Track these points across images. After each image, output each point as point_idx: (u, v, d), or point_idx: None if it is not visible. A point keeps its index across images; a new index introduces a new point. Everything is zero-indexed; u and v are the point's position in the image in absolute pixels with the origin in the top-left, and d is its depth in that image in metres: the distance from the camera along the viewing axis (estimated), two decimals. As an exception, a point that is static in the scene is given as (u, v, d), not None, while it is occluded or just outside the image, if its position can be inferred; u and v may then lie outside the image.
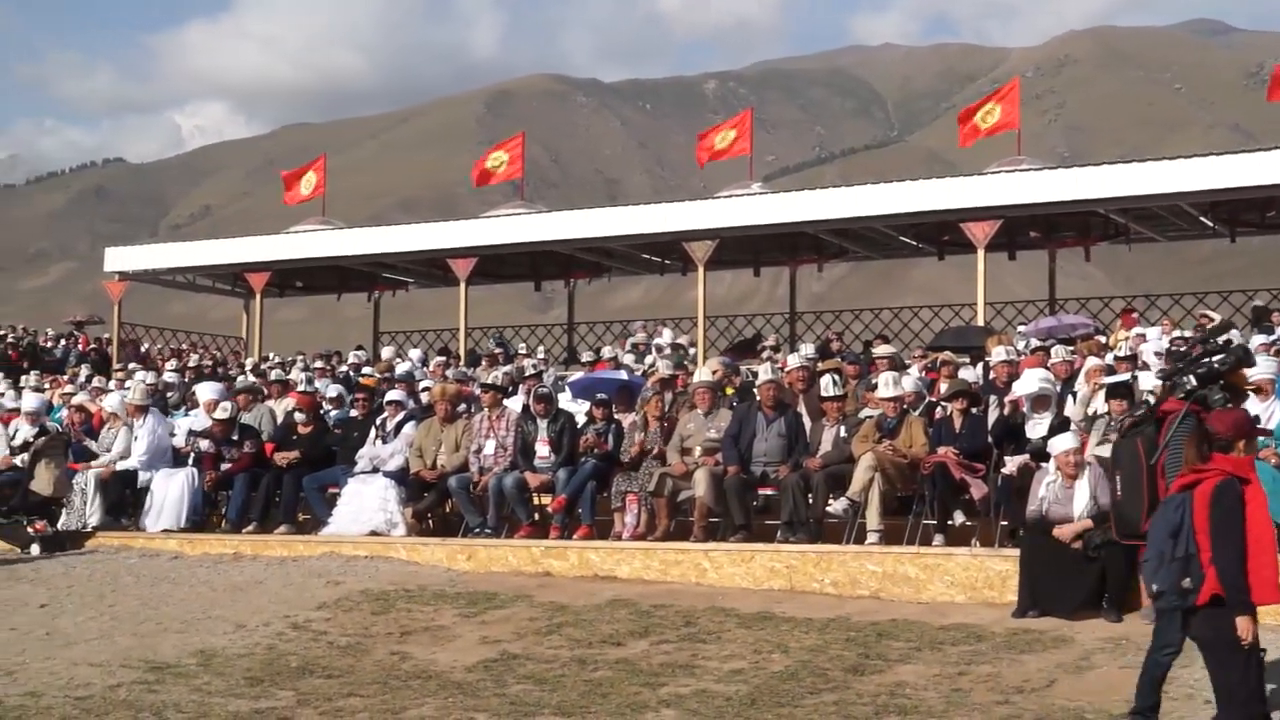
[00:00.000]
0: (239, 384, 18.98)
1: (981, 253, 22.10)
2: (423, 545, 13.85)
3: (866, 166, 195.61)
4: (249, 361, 26.37)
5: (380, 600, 11.67)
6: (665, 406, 14.41)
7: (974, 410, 12.84)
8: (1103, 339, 18.63)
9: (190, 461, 15.70)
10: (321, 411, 16.55)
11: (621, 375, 17.58)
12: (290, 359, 26.79)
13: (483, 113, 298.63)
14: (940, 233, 25.67)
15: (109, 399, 17.23)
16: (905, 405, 13.07)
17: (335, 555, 13.86)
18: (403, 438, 14.90)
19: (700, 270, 24.31)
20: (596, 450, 13.81)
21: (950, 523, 12.16)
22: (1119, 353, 14.99)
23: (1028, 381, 12.70)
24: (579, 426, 14.34)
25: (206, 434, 15.82)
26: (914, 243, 27.23)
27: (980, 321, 22.34)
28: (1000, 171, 23.11)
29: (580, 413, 15.14)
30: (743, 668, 8.96)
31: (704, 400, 13.71)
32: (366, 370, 21.93)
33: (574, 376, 19.42)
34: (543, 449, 14.01)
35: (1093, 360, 14.49)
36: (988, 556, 11.36)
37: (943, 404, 13.51)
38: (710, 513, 12.83)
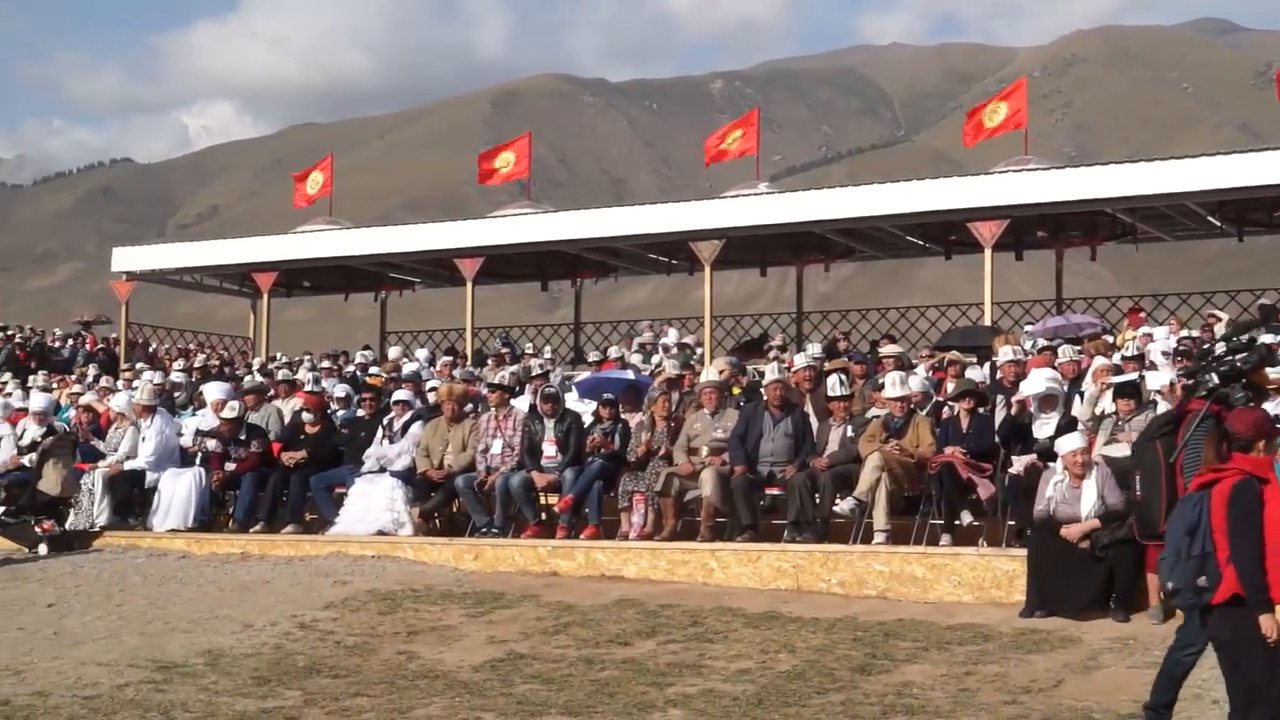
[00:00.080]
0: (246, 384, 18.98)
1: (988, 252, 22.08)
2: (430, 545, 13.86)
3: (873, 166, 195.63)
4: (256, 361, 26.37)
5: (387, 600, 11.68)
6: (672, 406, 14.40)
7: (981, 410, 12.82)
8: (1110, 339, 18.58)
9: (197, 461, 15.73)
10: (329, 411, 16.56)
11: (628, 375, 17.57)
12: (297, 359, 26.76)
13: (489, 112, 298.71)
14: (947, 232, 25.65)
15: (116, 399, 17.26)
16: (912, 405, 13.06)
17: (342, 555, 13.87)
18: (410, 437, 14.91)
19: (707, 270, 24.29)
20: (603, 450, 13.80)
21: (957, 523, 12.14)
22: (1126, 352, 14.92)
23: (1035, 381, 12.68)
24: (586, 426, 14.35)
25: (214, 434, 15.84)
26: (921, 242, 27.19)
27: (987, 321, 22.30)
28: (1007, 171, 23.08)
29: (587, 413, 15.13)
30: (750, 667, 8.96)
31: (711, 400, 13.71)
32: (373, 370, 21.93)
33: (581, 376, 19.39)
34: (549, 449, 14.03)
35: (1100, 360, 14.47)
36: (995, 556, 11.35)
37: (950, 404, 13.49)
38: (717, 512, 12.82)
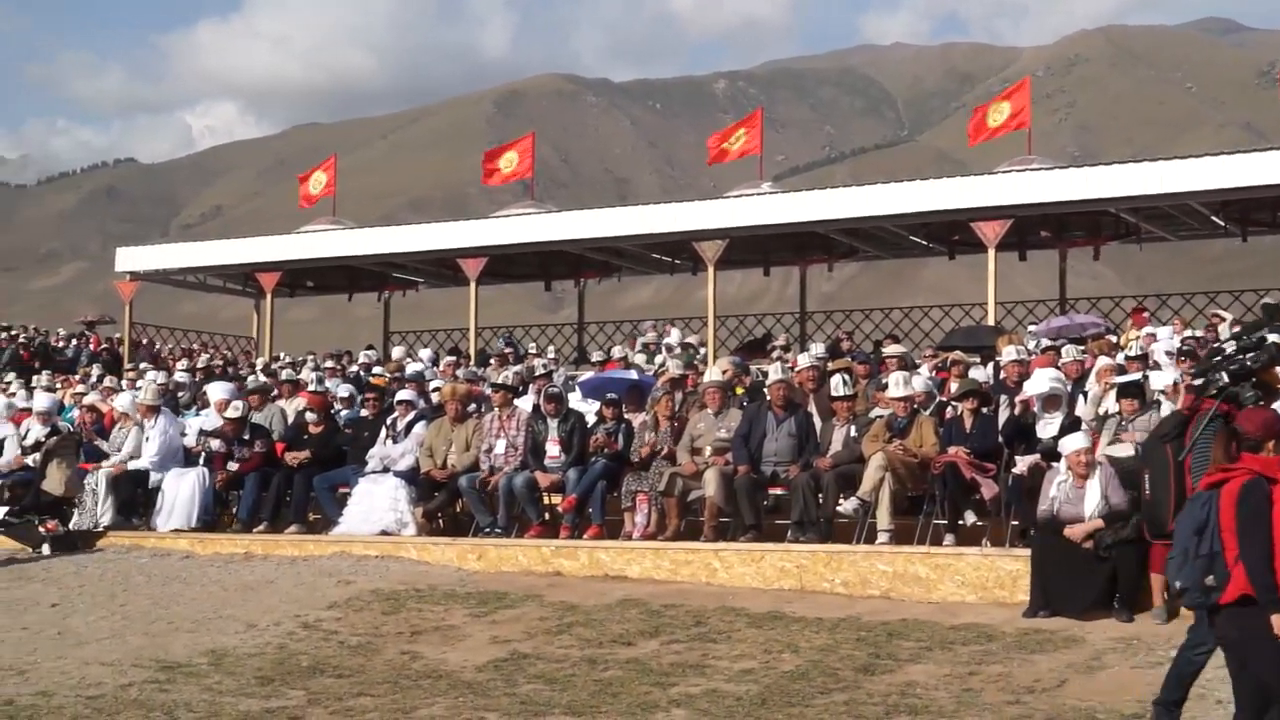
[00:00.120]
0: (250, 384, 18.98)
1: (992, 252, 22.06)
2: (433, 545, 13.86)
3: (876, 166, 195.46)
4: (259, 361, 26.37)
5: (391, 600, 11.68)
6: (675, 406, 14.40)
7: (985, 410, 12.82)
8: (1114, 338, 18.57)
9: (201, 461, 15.73)
10: (332, 411, 16.56)
11: (631, 375, 17.57)
12: (301, 359, 26.77)
13: (493, 112, 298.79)
14: (950, 232, 25.63)
15: (120, 399, 17.27)
16: (916, 405, 13.06)
17: (346, 555, 13.87)
18: (413, 437, 14.91)
19: (710, 270, 24.29)
20: (606, 450, 13.81)
21: (961, 523, 12.14)
22: (1130, 352, 14.94)
23: (1038, 381, 12.68)
24: (589, 426, 14.35)
25: (218, 433, 15.84)
26: (924, 242, 27.18)
27: (991, 321, 22.30)
28: (1011, 171, 23.06)
29: (590, 412, 15.14)
30: (753, 667, 8.95)
31: (714, 400, 13.71)
32: (377, 370, 21.95)
33: (584, 376, 19.41)
34: (553, 449, 14.02)
35: (1104, 360, 14.46)
36: (998, 556, 11.34)
37: (953, 404, 13.47)
38: (720, 512, 12.82)
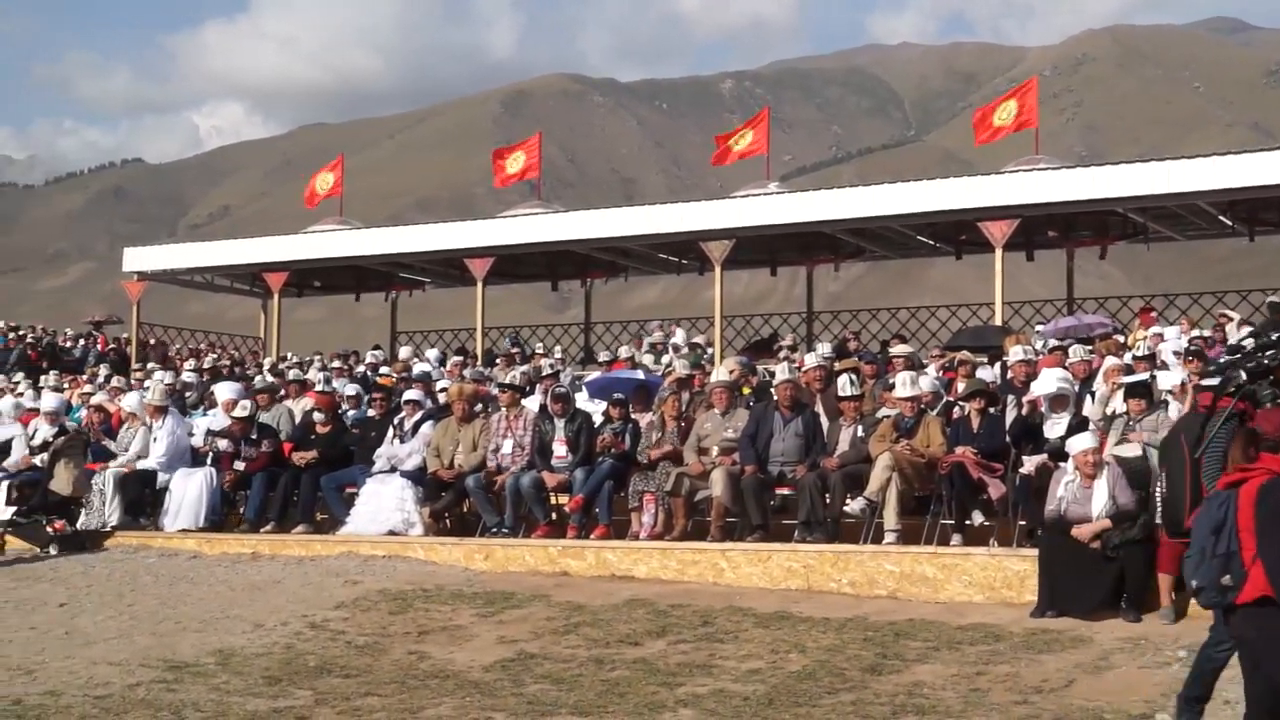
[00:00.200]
0: (257, 384, 19.01)
1: (999, 252, 22.04)
2: (440, 545, 13.86)
3: (883, 166, 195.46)
4: (267, 361, 26.42)
5: (398, 600, 11.68)
6: (682, 406, 14.39)
7: (992, 410, 12.81)
8: (1121, 338, 18.54)
9: (208, 461, 15.74)
10: (339, 411, 16.56)
11: (638, 375, 17.57)
12: (308, 359, 26.82)
13: (499, 113, 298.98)
14: (958, 232, 25.61)
15: (128, 399, 17.29)
16: (923, 405, 13.04)
17: (353, 555, 13.87)
18: (420, 437, 14.91)
19: (717, 270, 24.29)
20: (613, 450, 13.80)
21: (968, 523, 12.12)
22: (1137, 352, 14.92)
23: (1046, 381, 12.65)
24: (596, 426, 14.34)
25: (225, 433, 15.85)
26: (931, 242, 27.17)
27: (998, 321, 22.27)
28: (1018, 171, 23.05)
29: (597, 412, 15.13)
30: (760, 667, 8.94)
31: (721, 400, 13.69)
32: (384, 370, 21.95)
33: (591, 376, 19.41)
34: (560, 449, 14.01)
35: (1111, 360, 14.45)
36: (1006, 556, 11.33)
37: (960, 403, 13.48)
38: (727, 512, 12.81)
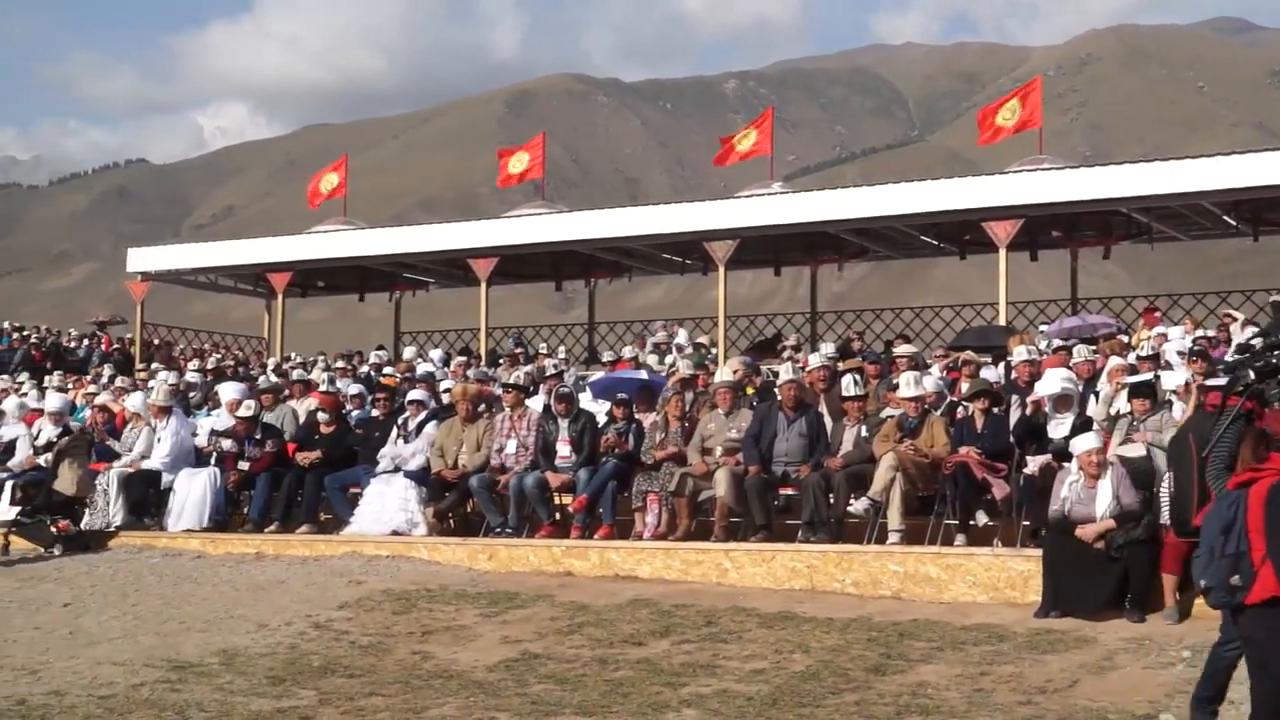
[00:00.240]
0: (261, 384, 19.00)
1: (1003, 252, 22.02)
2: (444, 545, 13.86)
3: (887, 166, 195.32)
4: (271, 361, 26.42)
5: (402, 600, 11.69)
6: (686, 406, 14.39)
7: (996, 410, 12.80)
8: (1125, 338, 18.53)
9: (212, 461, 15.75)
10: (343, 411, 16.57)
11: (642, 375, 17.57)
12: (312, 359, 26.82)
13: (503, 113, 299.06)
14: (961, 232, 25.59)
15: (132, 399, 17.31)
16: (927, 405, 13.04)
17: (357, 555, 13.89)
18: (424, 437, 14.92)
19: (721, 270, 24.27)
20: (617, 450, 13.81)
21: (972, 523, 12.11)
22: (1141, 352, 14.90)
23: (1050, 381, 12.64)
24: (600, 426, 14.35)
25: (229, 433, 15.86)
26: (935, 242, 27.13)
27: (1002, 321, 22.24)
28: (1022, 171, 23.02)
29: (601, 413, 15.14)
30: (764, 668, 8.95)
31: (725, 400, 13.69)
32: (388, 370, 21.95)
33: (595, 376, 19.41)
34: (564, 449, 14.02)
35: (1115, 360, 14.45)
36: (1010, 557, 11.32)
37: (964, 404, 13.47)
38: (731, 513, 12.82)
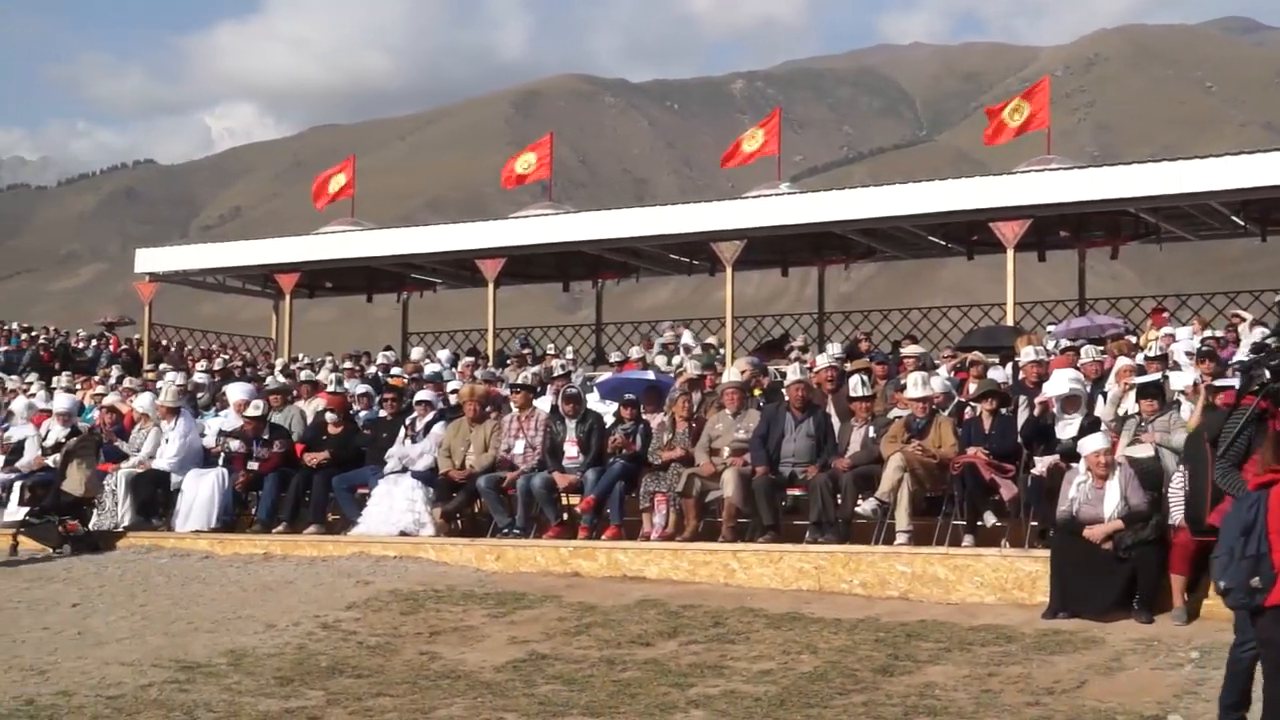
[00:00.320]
0: (269, 385, 19.02)
1: (1011, 252, 22.02)
2: (451, 545, 13.87)
3: (895, 166, 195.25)
4: (278, 362, 26.45)
5: (409, 600, 11.69)
6: (693, 407, 14.39)
7: (1003, 410, 12.79)
8: (1133, 339, 18.52)
9: (220, 462, 15.75)
10: (351, 412, 16.58)
11: (649, 375, 17.57)
12: (319, 360, 26.86)
13: (511, 113, 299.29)
14: (969, 232, 25.58)
15: (140, 400, 17.32)
16: (934, 405, 13.01)
17: (364, 555, 13.89)
18: (432, 438, 14.92)
19: (728, 270, 24.30)
20: (625, 450, 13.80)
21: (980, 523, 12.10)
22: (1149, 353, 14.90)
23: (1058, 382, 12.64)
24: (607, 427, 14.34)
25: (237, 434, 15.87)
26: (943, 242, 27.14)
27: (1010, 321, 22.23)
28: (1030, 171, 23.01)
29: (608, 413, 15.13)
30: (771, 668, 8.94)
31: (732, 400, 13.69)
32: (395, 371, 21.98)
33: (602, 377, 19.42)
34: (571, 449, 14.01)
35: (1123, 360, 14.42)
36: (1017, 557, 11.31)
37: (972, 404, 13.45)
38: (739, 513, 12.80)
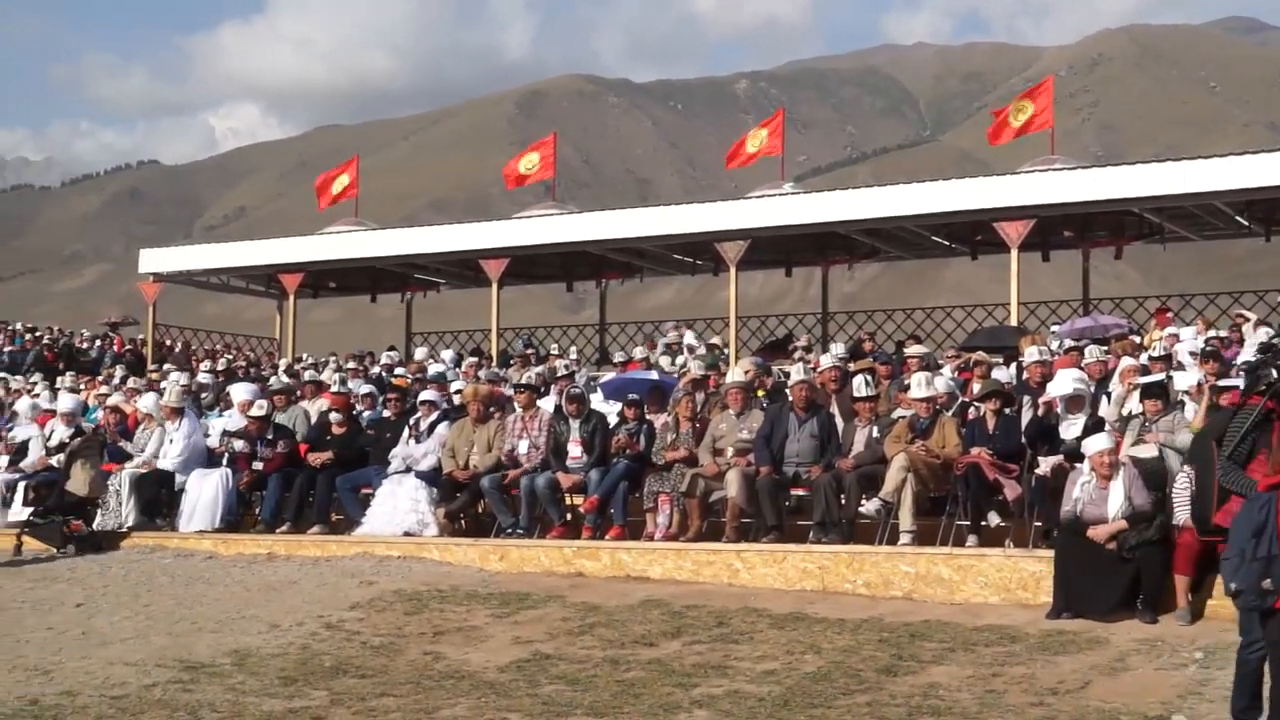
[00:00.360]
0: (273, 385, 19.02)
1: (1015, 252, 22.01)
2: (455, 545, 13.87)
3: (899, 166, 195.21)
4: (282, 362, 26.48)
5: (413, 600, 11.70)
6: (697, 407, 14.38)
7: (1007, 411, 12.78)
8: (1137, 339, 18.50)
9: (224, 462, 15.76)
10: (355, 412, 16.58)
11: (653, 376, 17.57)
12: (323, 360, 26.89)
13: (514, 113, 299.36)
14: (973, 232, 25.59)
15: (144, 400, 17.33)
16: (938, 406, 13.01)
17: (368, 555, 13.89)
18: (435, 438, 14.92)
19: (732, 270, 24.30)
20: (628, 451, 13.80)
21: (984, 523, 12.09)
22: (1153, 353, 14.88)
23: (1061, 382, 12.63)
24: (611, 427, 14.34)
25: (241, 434, 15.87)
26: (946, 242, 27.14)
27: (1013, 321, 22.24)
28: (1034, 171, 23.02)
29: (612, 413, 15.13)
30: (775, 668, 8.94)
31: (736, 401, 13.68)
32: (399, 371, 21.99)
33: (606, 377, 19.42)
34: (575, 449, 14.01)
35: (1127, 360, 14.41)
36: (1021, 557, 11.30)
37: (976, 404, 13.45)
38: (742, 513, 12.80)
